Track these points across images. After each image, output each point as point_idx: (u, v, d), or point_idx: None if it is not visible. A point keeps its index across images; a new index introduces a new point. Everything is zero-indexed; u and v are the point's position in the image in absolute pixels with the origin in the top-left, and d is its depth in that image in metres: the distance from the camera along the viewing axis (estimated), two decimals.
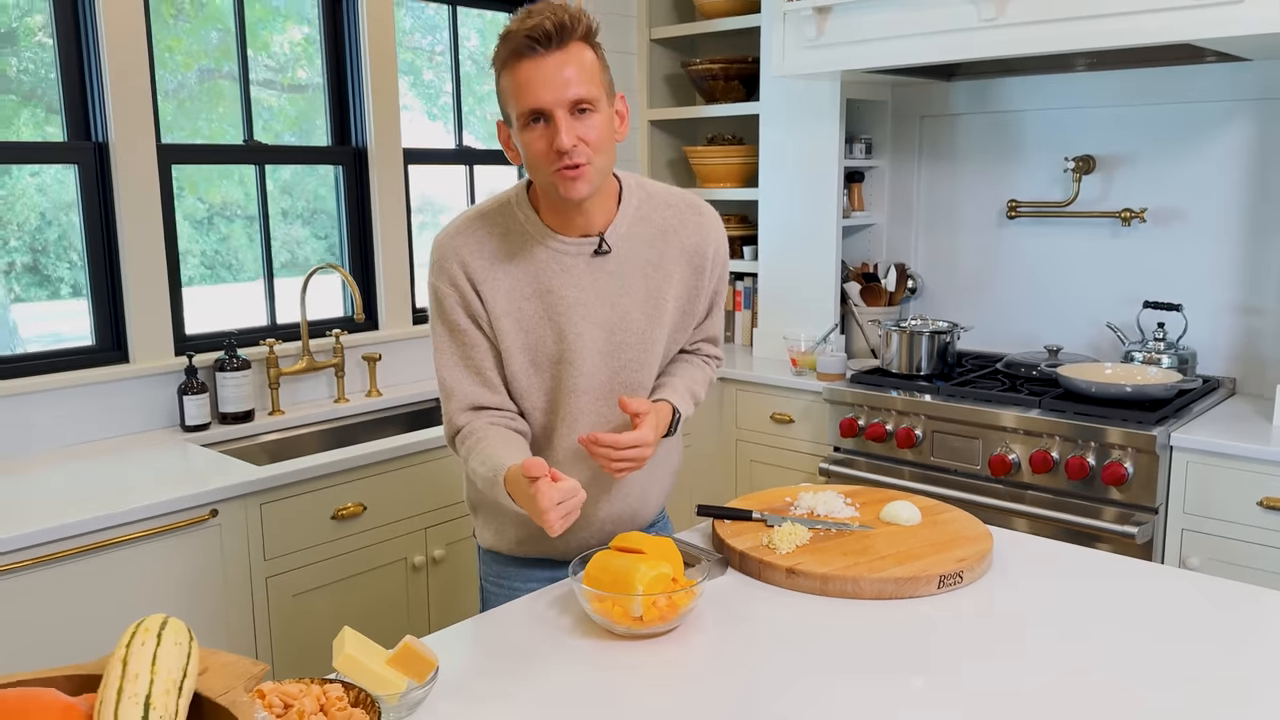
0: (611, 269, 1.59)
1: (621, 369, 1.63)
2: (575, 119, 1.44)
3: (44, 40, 2.46)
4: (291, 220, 3.03)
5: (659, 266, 1.62)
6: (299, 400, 2.90)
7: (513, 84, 1.44)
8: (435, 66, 3.35)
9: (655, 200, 1.64)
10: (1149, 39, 2.34)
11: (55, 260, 2.56)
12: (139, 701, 0.83)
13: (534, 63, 1.42)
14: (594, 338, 1.59)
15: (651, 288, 1.62)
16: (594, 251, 1.58)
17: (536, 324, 1.57)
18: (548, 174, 1.47)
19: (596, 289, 1.58)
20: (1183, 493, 2.47)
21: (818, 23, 2.84)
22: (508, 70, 1.45)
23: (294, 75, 2.97)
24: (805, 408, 3.15)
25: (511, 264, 1.56)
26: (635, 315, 1.61)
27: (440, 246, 1.59)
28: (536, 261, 1.57)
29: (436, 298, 1.59)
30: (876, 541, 1.64)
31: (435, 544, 2.56)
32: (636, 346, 1.62)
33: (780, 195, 3.43)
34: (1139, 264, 3.03)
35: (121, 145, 2.51)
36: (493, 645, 1.39)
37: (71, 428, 2.49)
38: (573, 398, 1.61)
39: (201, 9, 2.76)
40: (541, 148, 1.45)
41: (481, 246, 1.57)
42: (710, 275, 1.68)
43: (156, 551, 2.08)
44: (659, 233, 1.63)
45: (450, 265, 1.57)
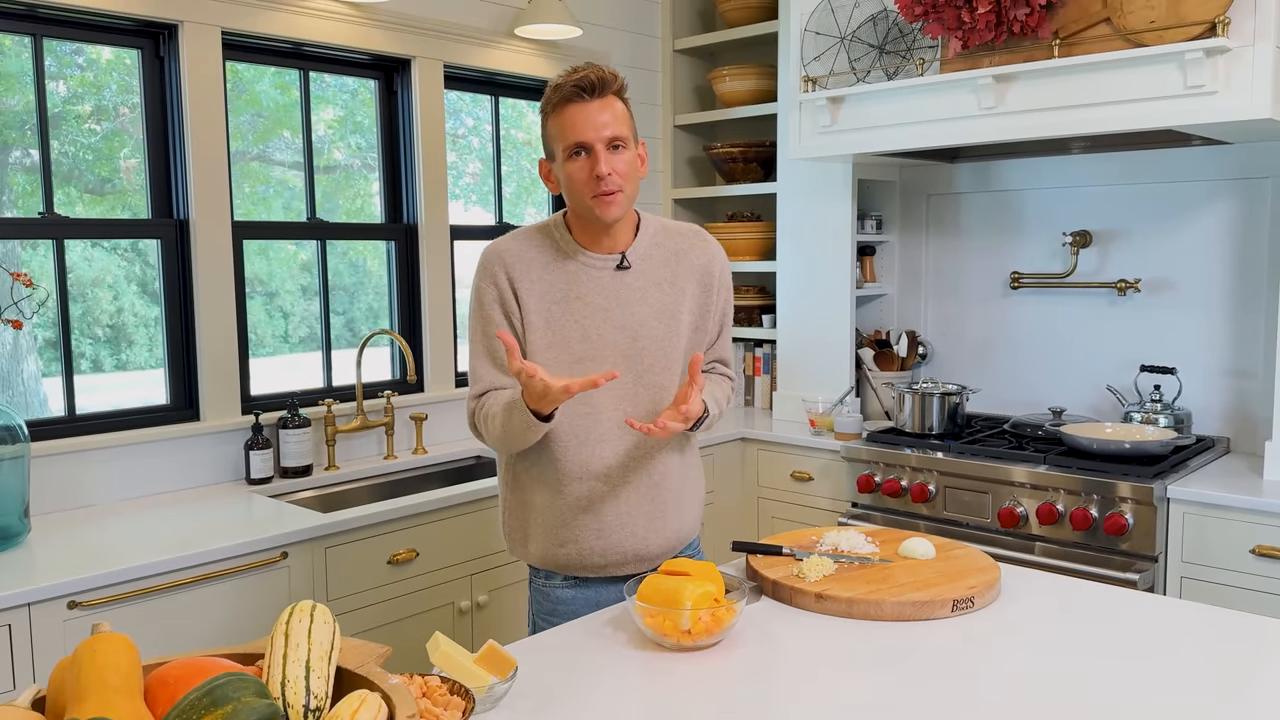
0: (631, 282, 1.87)
1: (644, 372, 1.87)
2: (610, 153, 1.77)
3: (93, 126, 2.69)
4: (310, 296, 3.22)
5: (673, 283, 1.90)
6: (352, 456, 3.11)
7: (560, 123, 1.77)
8: (478, 151, 3.62)
9: (669, 230, 1.96)
10: (1135, 125, 2.59)
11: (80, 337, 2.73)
12: (301, 664, 1.03)
13: (579, 107, 1.76)
14: (616, 341, 1.85)
15: (667, 301, 1.89)
16: (617, 266, 1.87)
17: (564, 324, 1.84)
18: (587, 198, 1.79)
19: (619, 298, 1.86)
20: (1180, 542, 2.64)
21: (831, 111, 3.11)
22: (557, 112, 1.78)
23: (330, 157, 3.23)
24: (824, 466, 3.34)
25: (546, 272, 1.85)
26: (653, 324, 1.87)
27: (487, 252, 1.89)
28: (568, 272, 1.85)
29: (477, 295, 1.88)
30: (895, 572, 1.82)
31: (480, 590, 2.74)
32: (656, 352, 1.87)
33: (797, 268, 3.67)
34: (1135, 331, 3.25)
35: (201, 222, 2.77)
36: (559, 655, 1.57)
37: (147, 479, 2.70)
38: (596, 394, 1.83)
39: (242, 94, 3.02)
40: (583, 176, 1.77)
41: (523, 255, 1.86)
42: (718, 293, 1.97)
43: (233, 590, 2.27)
44: (673, 255, 1.92)
45: (494, 267, 1.86)
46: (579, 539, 1.88)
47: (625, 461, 1.87)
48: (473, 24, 3.38)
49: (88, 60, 2.69)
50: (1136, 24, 2.54)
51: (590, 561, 1.89)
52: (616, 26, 3.89)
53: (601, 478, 1.86)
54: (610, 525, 1.88)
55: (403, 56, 3.22)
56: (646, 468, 1.89)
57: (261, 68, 3.01)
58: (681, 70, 4.14)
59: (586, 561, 1.89)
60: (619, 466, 1.87)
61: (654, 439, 1.88)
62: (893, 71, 2.99)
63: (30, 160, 2.58)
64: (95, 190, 2.74)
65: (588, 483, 1.86)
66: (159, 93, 2.76)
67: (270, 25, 2.88)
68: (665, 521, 1.92)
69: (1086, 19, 2.62)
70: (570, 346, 1.83)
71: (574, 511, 1.87)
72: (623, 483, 1.88)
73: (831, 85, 3.11)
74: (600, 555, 1.89)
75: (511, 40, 3.48)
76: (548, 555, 1.91)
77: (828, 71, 3.12)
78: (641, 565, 1.92)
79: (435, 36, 3.26)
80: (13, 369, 2.62)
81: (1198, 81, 2.46)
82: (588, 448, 1.85)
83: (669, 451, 1.92)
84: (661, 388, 1.88)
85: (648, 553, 1.91)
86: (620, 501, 1.88)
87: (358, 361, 3.06)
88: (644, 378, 1.87)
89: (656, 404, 1.87)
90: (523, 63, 3.54)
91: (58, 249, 2.61)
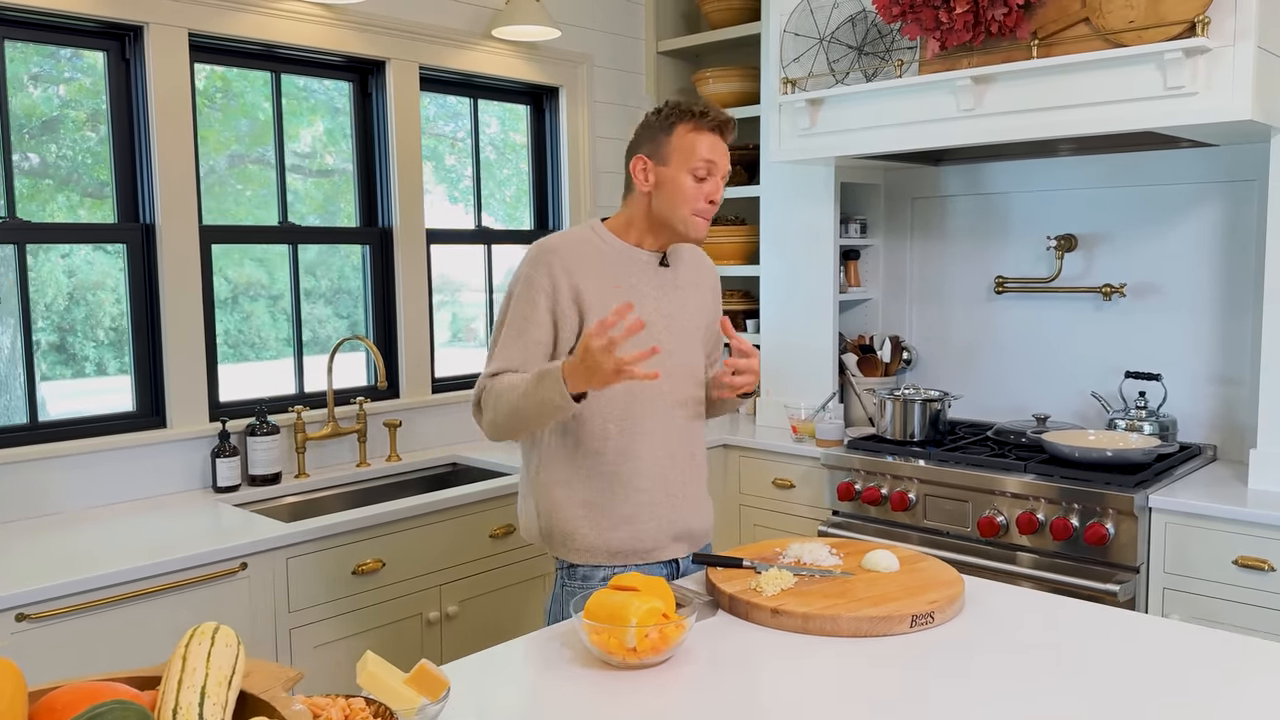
0: (669, 279, 2.04)
1: (676, 351, 2.01)
2: (721, 185, 1.96)
3: (89, 132, 2.68)
4: (314, 300, 3.22)
5: (696, 287, 2.09)
6: (324, 464, 3.07)
7: (698, 141, 1.92)
8: (457, 152, 3.59)
9: (684, 245, 2.12)
10: (1114, 127, 2.53)
11: (82, 339, 2.73)
12: (196, 690, 0.98)
13: (717, 138, 1.94)
14: (661, 329, 1.99)
15: (693, 302, 2.07)
16: (660, 263, 2.03)
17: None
18: (686, 210, 1.93)
19: (662, 288, 2.02)
20: (1163, 552, 2.59)
21: (810, 113, 3.06)
22: (694, 131, 1.92)
23: (321, 161, 3.20)
24: (805, 473, 3.29)
25: (601, 261, 1.97)
26: (684, 319, 2.04)
27: (543, 246, 1.96)
28: (619, 265, 1.98)
29: (527, 283, 1.93)
30: (856, 586, 1.77)
31: (449, 600, 2.69)
32: (685, 348, 2.03)
33: (780, 272, 3.62)
34: (1120, 336, 3.19)
35: (167, 226, 2.73)
36: (502, 673, 1.53)
37: (112, 487, 2.66)
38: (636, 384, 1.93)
39: (233, 100, 3.00)
40: (696, 193, 1.92)
41: (575, 248, 1.97)
42: (718, 298, 2.18)
43: (190, 601, 2.23)
44: (689, 264, 2.11)
45: (552, 259, 1.93)
46: (634, 518, 1.95)
47: (666, 444, 1.98)
48: (448, 25, 3.34)
49: (86, 65, 2.66)
50: (1115, 24, 2.48)
51: (642, 545, 1.96)
52: (599, 28, 3.85)
53: (648, 459, 1.96)
54: (661, 503, 1.97)
55: (377, 58, 3.18)
56: (686, 450, 2.03)
57: (256, 73, 2.97)
58: (665, 72, 4.10)
59: (640, 544, 1.96)
60: (662, 449, 1.98)
61: (687, 422, 2.03)
62: (871, 73, 2.94)
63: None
64: (95, 194, 2.70)
65: (634, 463, 1.95)
66: (125, 95, 2.73)
67: (239, 27, 2.84)
68: (704, 502, 2.08)
69: (1065, 19, 2.57)
70: None
71: (626, 493, 1.95)
72: (669, 464, 1.99)
73: (811, 87, 3.06)
74: (653, 537, 1.97)
75: (489, 42, 3.44)
76: (599, 544, 1.95)
77: (807, 73, 3.08)
78: (691, 546, 2.04)
79: (410, 38, 3.22)
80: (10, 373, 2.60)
81: (1177, 82, 2.41)
82: (628, 434, 1.94)
83: (697, 437, 2.07)
84: (688, 378, 2.03)
85: (695, 531, 2.04)
86: (669, 482, 1.99)
87: (328, 368, 3.02)
88: (679, 366, 2.01)
89: (690, 394, 2.04)
90: (501, 65, 3.50)
91: (19, 254, 2.57)
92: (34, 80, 2.60)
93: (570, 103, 3.75)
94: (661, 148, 1.94)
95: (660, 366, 1.94)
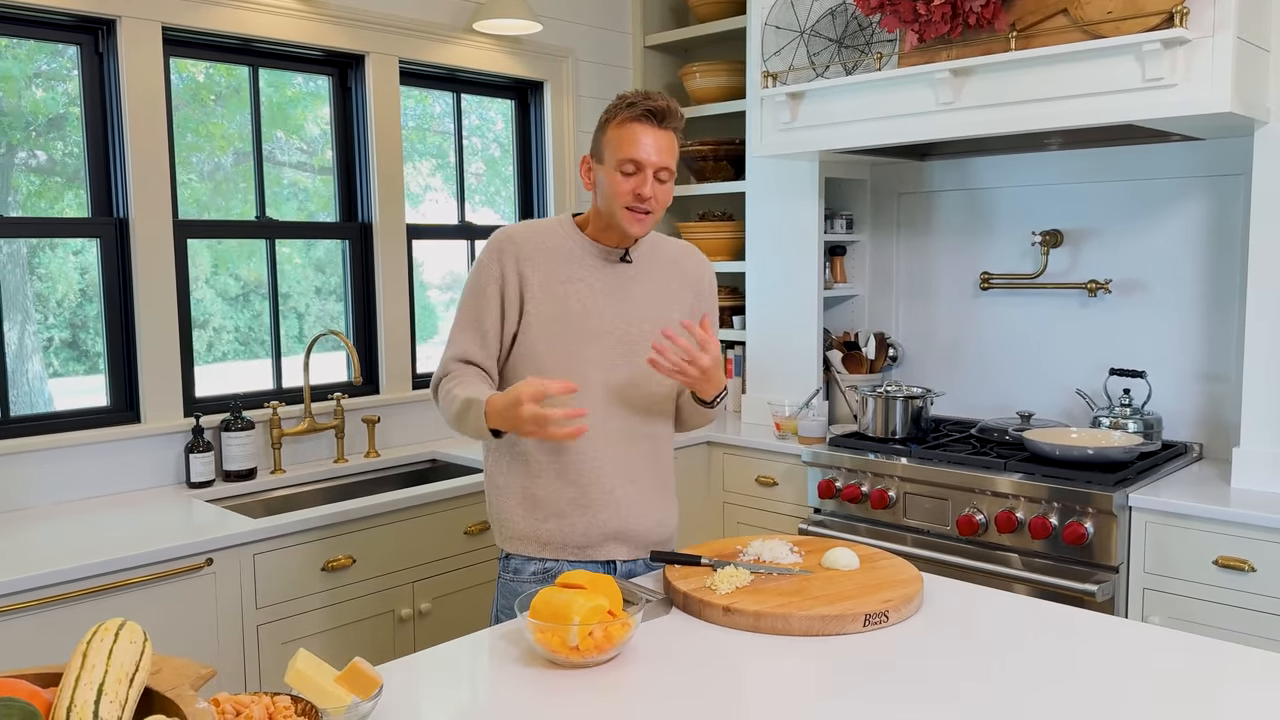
0: (630, 274, 1.98)
1: (638, 361, 1.95)
2: (656, 182, 1.87)
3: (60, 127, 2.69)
4: (325, 297, 3.23)
5: (667, 285, 2.02)
6: (301, 460, 3.05)
7: (623, 136, 1.85)
8: (452, 149, 3.57)
9: (665, 242, 2.09)
10: (1093, 120, 2.49)
11: (94, 336, 2.75)
12: (94, 687, 0.96)
13: (646, 128, 1.85)
14: (613, 324, 1.94)
15: (660, 299, 2.00)
16: (620, 258, 1.97)
17: (567, 300, 1.93)
18: (619, 207, 1.87)
19: (618, 284, 1.97)
20: (1143, 552, 2.55)
21: (791, 108, 3.03)
22: (624, 125, 1.86)
23: (324, 157, 3.20)
24: (788, 471, 3.26)
25: (555, 254, 1.95)
26: (646, 314, 1.97)
27: (500, 233, 1.96)
28: (574, 258, 1.95)
29: (478, 269, 1.95)
30: (812, 584, 1.74)
31: (422, 597, 2.67)
32: (647, 344, 1.94)
33: (766, 268, 3.59)
34: (1106, 333, 3.15)
35: (140, 220, 2.72)
36: (444, 671, 1.50)
37: (84, 482, 2.65)
38: (587, 368, 1.91)
39: (237, 94, 2.99)
40: (625, 189, 1.86)
41: (532, 237, 1.95)
42: (706, 300, 2.10)
43: (154, 597, 2.21)
44: (669, 261, 2.05)
45: (504, 243, 1.94)
46: (565, 513, 1.93)
47: (613, 442, 1.94)
48: (429, 19, 3.32)
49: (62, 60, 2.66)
50: (1094, 14, 2.45)
51: (572, 540, 1.93)
52: (585, 22, 3.82)
53: (589, 455, 1.92)
54: (595, 501, 1.92)
55: (356, 52, 3.16)
56: (640, 450, 1.98)
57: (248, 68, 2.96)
58: (652, 66, 4.07)
59: (569, 539, 1.93)
60: (607, 447, 1.93)
61: (645, 422, 1.98)
62: (851, 66, 2.91)
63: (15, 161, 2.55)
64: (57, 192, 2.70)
65: (572, 458, 1.91)
66: (98, 89, 2.72)
67: (214, 20, 2.83)
68: (658, 504, 2.01)
69: (1044, 10, 2.53)
70: (570, 322, 1.91)
71: (559, 486, 1.92)
72: (614, 462, 1.94)
73: (791, 80, 3.03)
74: (583, 533, 1.93)
75: (471, 35, 3.42)
76: (529, 533, 1.95)
77: (787, 67, 3.04)
78: (633, 549, 1.98)
79: (390, 31, 3.21)
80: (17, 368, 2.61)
81: (1156, 74, 2.37)
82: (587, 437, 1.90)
83: (659, 437, 2.02)
84: (651, 378, 1.97)
85: (637, 534, 1.97)
86: (610, 480, 1.93)
87: (305, 363, 3.00)
88: (637, 366, 1.95)
89: (647, 394, 1.98)
90: (484, 59, 3.48)
91: None
92: (34, 79, 2.60)
93: (555, 97, 3.73)
94: (599, 146, 1.91)
95: (613, 362, 1.93)
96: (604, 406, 1.93)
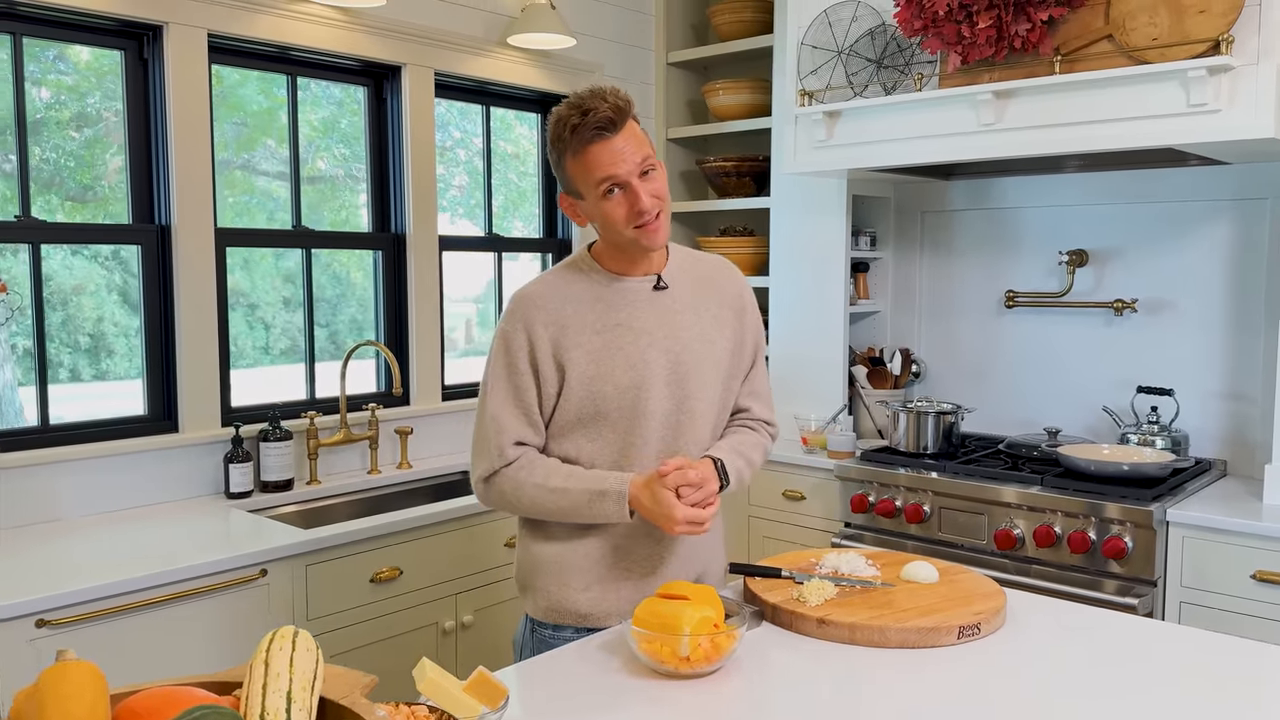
0: (670, 304, 1.80)
1: (685, 399, 1.79)
2: (645, 182, 1.69)
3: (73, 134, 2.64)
4: (338, 306, 3.21)
5: (708, 308, 1.84)
6: (334, 470, 3.03)
7: (586, 165, 1.68)
8: (465, 164, 3.57)
9: (694, 257, 1.91)
10: (1136, 143, 2.55)
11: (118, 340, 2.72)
12: (282, 694, 0.96)
13: (602, 145, 1.67)
14: (660, 365, 1.76)
15: (704, 325, 1.83)
16: (654, 286, 1.80)
17: (609, 355, 1.74)
18: (629, 232, 1.70)
19: (660, 319, 1.79)
20: (1180, 566, 2.60)
21: (827, 125, 3.07)
22: (578, 156, 1.68)
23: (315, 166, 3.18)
24: (816, 485, 3.28)
25: (584, 305, 1.76)
26: (695, 347, 1.80)
27: (519, 297, 1.79)
28: (605, 300, 1.77)
29: (504, 341, 1.77)
30: (898, 597, 1.76)
31: (465, 610, 2.66)
32: (696, 379, 1.79)
33: (790, 283, 3.62)
34: (1132, 351, 3.21)
35: (183, 227, 2.70)
36: (551, 684, 1.50)
37: (122, 492, 2.61)
38: (643, 421, 1.75)
39: (223, 100, 2.96)
40: (622, 212, 1.69)
41: (555, 294, 1.77)
42: (750, 318, 1.91)
43: (209, 609, 2.19)
44: (704, 280, 1.87)
45: (528, 311, 1.76)
46: (605, 581, 1.79)
47: None
48: (465, 32, 3.33)
49: (70, 65, 2.63)
50: (1139, 41, 2.51)
51: (618, 609, 1.78)
52: (609, 38, 3.84)
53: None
54: (643, 563, 1.81)
55: (393, 63, 3.16)
56: None
57: (244, 71, 2.94)
58: (675, 83, 4.10)
59: (614, 608, 1.79)
60: None
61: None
62: (890, 86, 2.95)
63: (10, 164, 2.50)
64: (77, 198, 2.66)
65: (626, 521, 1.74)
66: (142, 95, 2.69)
67: (257, 29, 2.82)
68: (695, 560, 1.89)
69: (1088, 35, 2.59)
70: (616, 377, 1.74)
71: (602, 553, 1.79)
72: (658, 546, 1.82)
73: (828, 99, 3.07)
74: (630, 601, 1.76)
75: (504, 49, 3.43)
76: (565, 605, 1.79)
77: (824, 85, 3.08)
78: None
79: (426, 44, 3.21)
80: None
81: (1200, 100, 2.43)
82: None
83: None
84: (700, 416, 1.81)
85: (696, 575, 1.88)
86: (656, 541, 1.81)
87: (342, 373, 2.99)
88: (685, 404, 1.79)
89: (695, 434, 1.81)
90: (515, 72, 3.49)
91: (33, 254, 2.53)
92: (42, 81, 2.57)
93: None
94: (568, 181, 1.74)
95: (666, 410, 1.77)
96: (658, 447, 1.78)
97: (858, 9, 3.01)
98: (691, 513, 1.64)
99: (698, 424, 1.82)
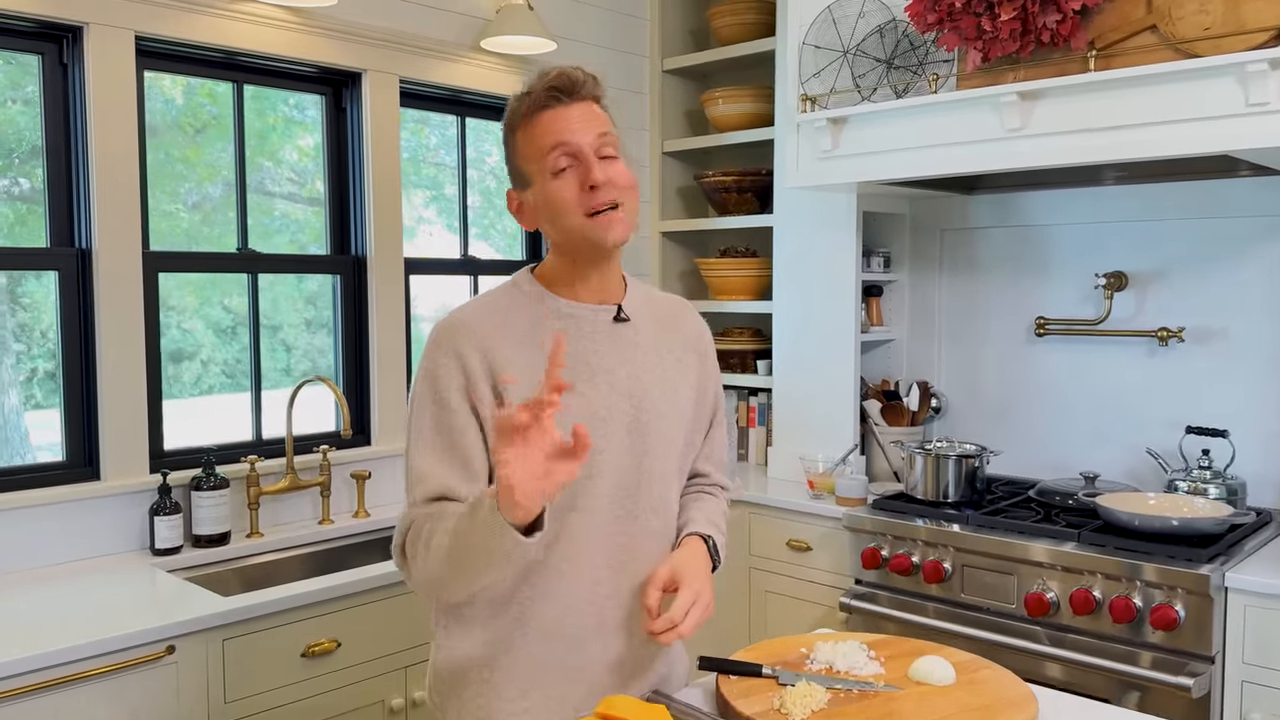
0: (632, 338, 1.51)
1: (644, 455, 1.49)
2: (603, 162, 1.42)
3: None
4: (315, 329, 2.92)
5: (670, 349, 1.57)
6: (280, 521, 2.72)
7: (534, 133, 1.43)
8: (454, 180, 3.27)
9: (652, 293, 1.64)
10: (1187, 150, 2.21)
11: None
12: None
13: (556, 111, 1.42)
14: (622, 411, 1.46)
15: (667, 369, 1.55)
16: (614, 318, 1.50)
17: (564, 402, 1.32)
18: (581, 219, 1.41)
19: (621, 357, 1.49)
20: (1241, 640, 2.23)
21: (832, 134, 2.74)
22: (528, 124, 1.43)
23: (313, 188, 2.90)
24: (824, 535, 2.94)
25: (529, 339, 1.44)
26: (656, 395, 1.51)
27: (447, 325, 1.46)
28: (555, 332, 1.45)
29: (431, 375, 1.43)
30: (905, 705, 1.42)
31: (416, 685, 2.34)
32: (657, 432, 1.49)
33: (795, 308, 3.29)
34: (1180, 386, 2.85)
35: (104, 251, 2.41)
36: None
37: (35, 550, 2.31)
38: (591, 484, 1.43)
39: (219, 121, 2.70)
40: (571, 191, 1.41)
41: (492, 321, 1.45)
42: (710, 368, 1.64)
43: (105, 693, 1.88)
44: (666, 317, 1.60)
45: (459, 341, 1.42)
46: (546, 685, 1.46)
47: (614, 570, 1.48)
48: (433, 35, 3.03)
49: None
50: (1188, 31, 2.17)
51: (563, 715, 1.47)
52: (599, 44, 3.54)
53: (587, 600, 1.45)
54: (591, 663, 1.48)
55: (352, 69, 2.87)
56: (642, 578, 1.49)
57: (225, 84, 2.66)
58: (671, 92, 3.79)
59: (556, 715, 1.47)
60: (609, 587, 1.48)
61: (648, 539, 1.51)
62: (902, 89, 2.62)
63: None
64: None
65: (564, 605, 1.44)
66: (62, 104, 2.41)
67: (195, 31, 2.53)
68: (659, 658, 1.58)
69: (1128, 27, 2.26)
70: (566, 427, 1.33)
71: (547, 647, 1.46)
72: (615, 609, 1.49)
73: (833, 105, 2.75)
74: (574, 707, 1.47)
75: (478, 54, 3.14)
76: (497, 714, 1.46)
77: (828, 89, 2.76)
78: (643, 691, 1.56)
79: (391, 48, 2.92)
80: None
81: (1262, 98, 2.09)
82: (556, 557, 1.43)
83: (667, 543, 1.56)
84: (659, 479, 1.51)
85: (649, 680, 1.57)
86: (612, 633, 1.49)
87: (288, 412, 2.68)
88: (643, 462, 1.48)
89: (652, 501, 1.50)
90: (492, 79, 3.19)
91: None
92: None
93: None
94: (516, 165, 1.47)
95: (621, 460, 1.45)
96: (610, 514, 1.46)
97: (865, 4, 2.69)
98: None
99: (654, 488, 1.50)
